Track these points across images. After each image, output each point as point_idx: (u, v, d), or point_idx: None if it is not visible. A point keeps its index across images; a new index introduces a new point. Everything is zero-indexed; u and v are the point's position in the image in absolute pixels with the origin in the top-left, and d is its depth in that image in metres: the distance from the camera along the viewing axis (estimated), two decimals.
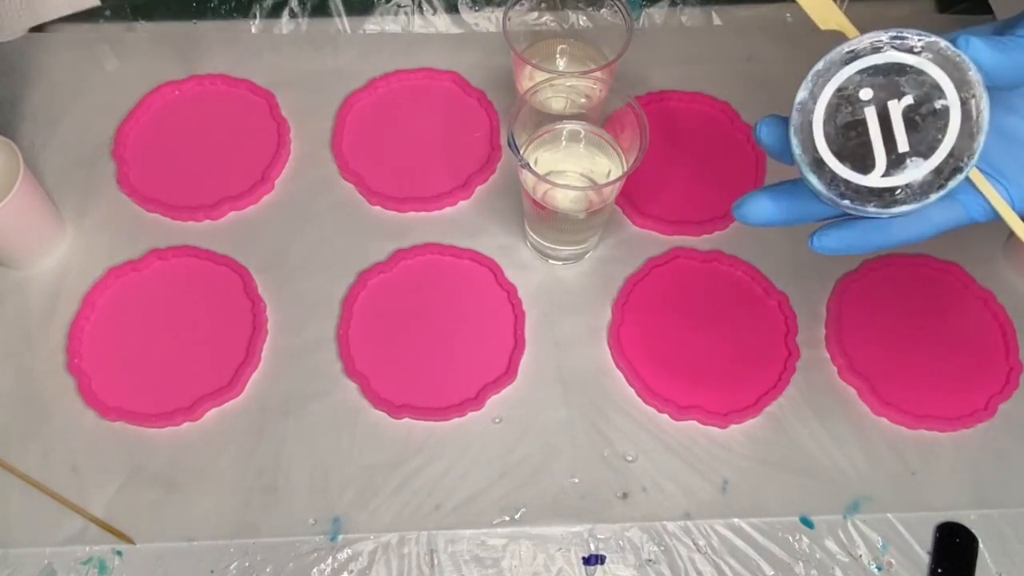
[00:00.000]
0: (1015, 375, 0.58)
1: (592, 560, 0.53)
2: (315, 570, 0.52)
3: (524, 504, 0.54)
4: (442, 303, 0.61)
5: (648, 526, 0.54)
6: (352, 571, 0.52)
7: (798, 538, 0.54)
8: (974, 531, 0.53)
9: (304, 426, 0.57)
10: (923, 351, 0.59)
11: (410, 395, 0.57)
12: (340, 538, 0.53)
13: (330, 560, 0.53)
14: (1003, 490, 0.55)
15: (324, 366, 0.59)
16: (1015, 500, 0.55)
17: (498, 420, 0.57)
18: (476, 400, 0.57)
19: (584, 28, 0.63)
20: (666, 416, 0.57)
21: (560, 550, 0.53)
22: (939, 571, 0.52)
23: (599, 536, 0.54)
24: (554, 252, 0.62)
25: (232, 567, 0.53)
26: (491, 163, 0.67)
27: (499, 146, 0.68)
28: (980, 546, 0.53)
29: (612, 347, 0.59)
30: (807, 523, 0.54)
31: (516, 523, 0.54)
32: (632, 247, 0.64)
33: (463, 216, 0.65)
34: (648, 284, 0.62)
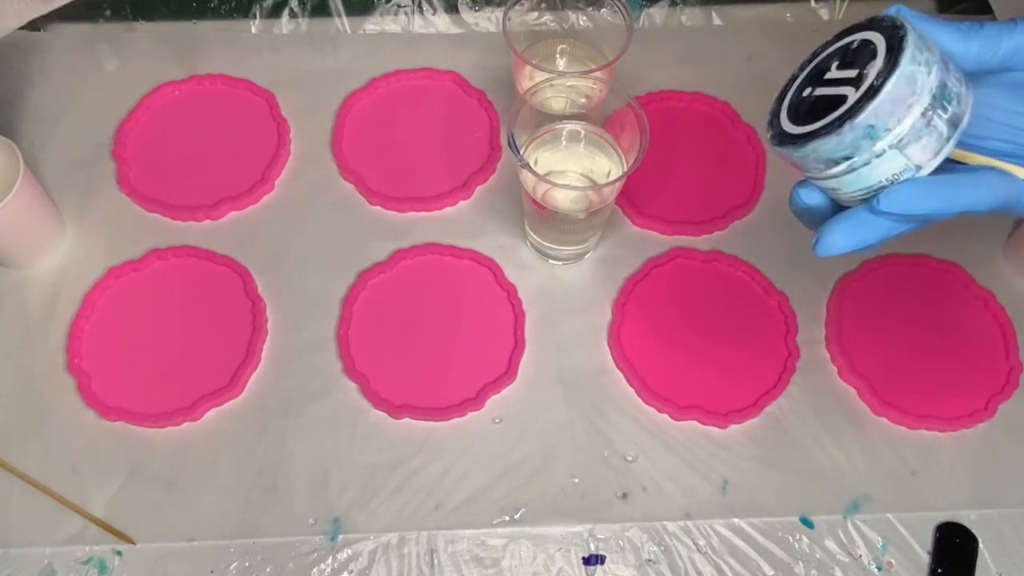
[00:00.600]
0: (1015, 375, 0.58)
1: (592, 560, 0.53)
2: (315, 570, 0.52)
3: (524, 504, 0.54)
4: (442, 303, 0.61)
5: (648, 526, 0.54)
6: (352, 571, 0.52)
7: (798, 538, 0.54)
8: (974, 531, 0.53)
9: (304, 426, 0.57)
10: (923, 351, 0.59)
11: (410, 395, 0.57)
12: (340, 538, 0.53)
13: (330, 560, 0.53)
14: (1003, 490, 0.55)
15: (324, 366, 0.59)
16: (1015, 500, 0.55)
17: (498, 420, 0.57)
18: (476, 400, 0.57)
19: (584, 28, 0.63)
20: (666, 416, 0.57)
21: (560, 550, 0.53)
22: (939, 571, 0.52)
23: (599, 536, 0.54)
24: (554, 252, 0.62)
25: (232, 567, 0.53)
26: (491, 163, 0.67)
27: (499, 146, 0.68)
28: (980, 546, 0.53)
29: (612, 347, 0.59)
30: (807, 523, 0.54)
31: (516, 523, 0.54)
32: (632, 247, 0.64)
33: (463, 216, 0.65)
34: (648, 284, 0.62)
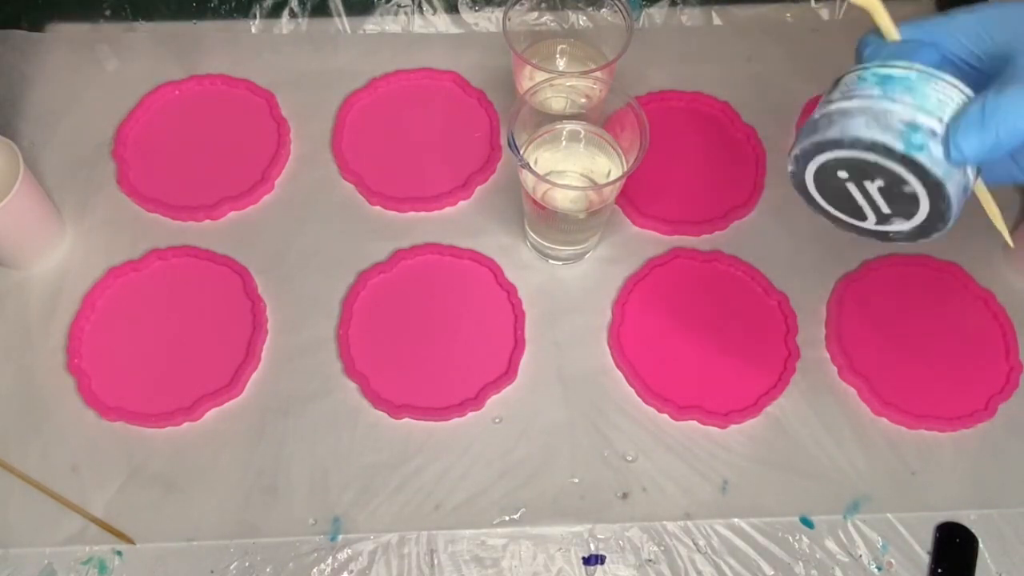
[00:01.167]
0: (1015, 375, 0.58)
1: (592, 560, 0.53)
2: (315, 570, 0.52)
3: (524, 504, 0.54)
4: (442, 303, 0.61)
5: (648, 526, 0.54)
6: (352, 571, 0.52)
7: (798, 538, 0.54)
8: (974, 531, 0.53)
9: (304, 426, 0.57)
10: (923, 351, 0.59)
11: (410, 395, 0.57)
12: (340, 538, 0.53)
13: (330, 560, 0.53)
14: (1003, 490, 0.55)
15: (324, 366, 0.59)
16: (1015, 500, 0.55)
17: (498, 420, 0.57)
18: (476, 400, 0.57)
19: (584, 28, 0.63)
20: (666, 416, 0.57)
21: (560, 550, 0.53)
22: (939, 571, 0.52)
23: (599, 536, 0.54)
24: (554, 252, 0.62)
25: (232, 567, 0.53)
26: (491, 163, 0.67)
27: (499, 146, 0.67)
28: (980, 546, 0.53)
29: (612, 347, 0.59)
30: (807, 523, 0.54)
31: (516, 523, 0.54)
32: (632, 247, 0.64)
33: (463, 216, 0.65)
34: (648, 284, 0.62)
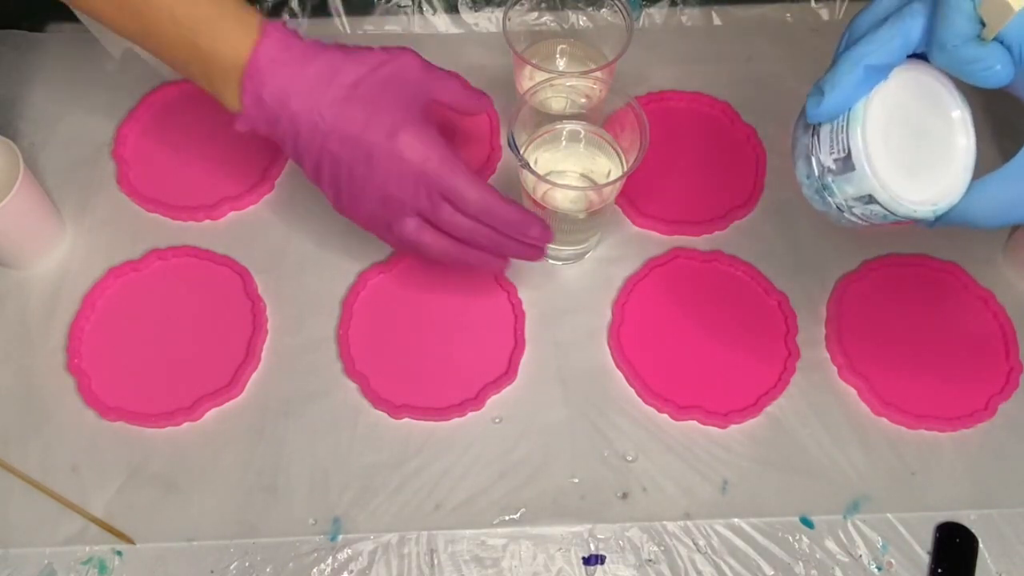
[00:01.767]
0: (1015, 375, 0.58)
1: (592, 560, 0.53)
2: (315, 570, 0.52)
3: (524, 504, 0.54)
4: (442, 303, 0.61)
5: (648, 526, 0.54)
6: (352, 571, 0.52)
7: (798, 538, 0.53)
8: (974, 531, 0.53)
9: (304, 426, 0.57)
10: (923, 351, 0.59)
11: (410, 395, 0.57)
12: (340, 538, 0.53)
13: (330, 560, 0.53)
14: (1003, 490, 0.55)
15: (324, 366, 0.59)
16: (1015, 500, 0.55)
17: (498, 420, 0.57)
18: (476, 400, 0.57)
19: (584, 28, 0.63)
20: (666, 416, 0.57)
21: (560, 550, 0.53)
22: (939, 571, 0.52)
23: (599, 536, 0.54)
24: (554, 252, 0.62)
25: (232, 567, 0.53)
26: (491, 163, 0.67)
27: (499, 146, 0.67)
28: (980, 546, 0.53)
29: (612, 347, 0.59)
30: (807, 523, 0.54)
31: (516, 523, 0.54)
32: (632, 247, 0.64)
33: None
34: (648, 284, 0.62)
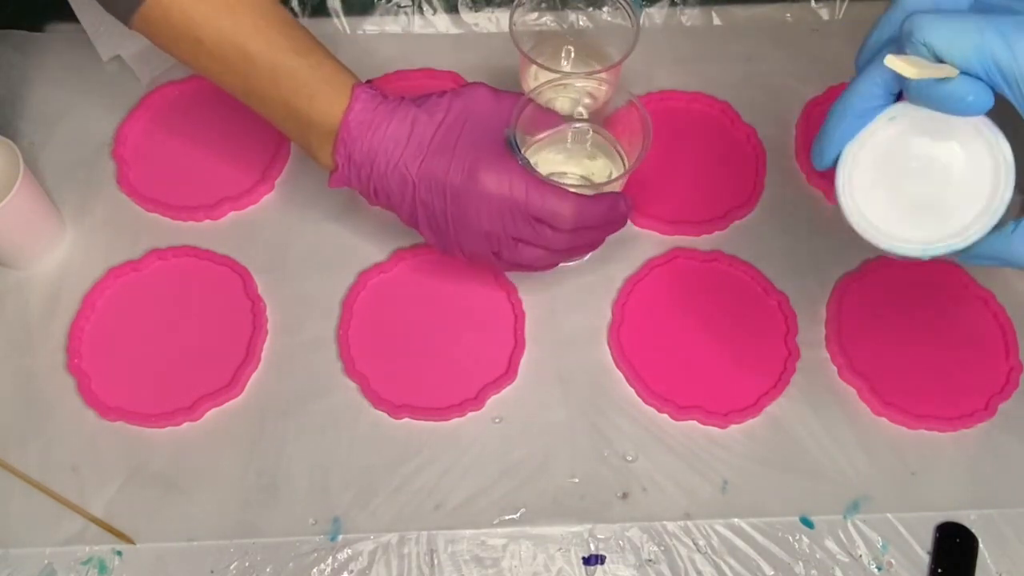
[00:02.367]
0: (1015, 375, 0.58)
1: (592, 560, 0.53)
2: (315, 570, 0.52)
3: (524, 504, 0.54)
4: (442, 303, 0.61)
5: (648, 526, 0.54)
6: (352, 571, 0.52)
7: (798, 538, 0.53)
8: (974, 531, 0.53)
9: (304, 426, 0.57)
10: (923, 351, 0.59)
11: (410, 395, 0.57)
12: (340, 538, 0.53)
13: (330, 560, 0.53)
14: (1003, 490, 0.55)
15: (324, 366, 0.59)
16: (1015, 500, 0.55)
17: (498, 420, 0.57)
18: (476, 400, 0.57)
19: (589, 28, 0.63)
20: (666, 416, 0.57)
21: (560, 550, 0.53)
22: (939, 571, 0.52)
23: (599, 536, 0.54)
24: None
25: (232, 567, 0.53)
26: None
27: None
28: (980, 546, 0.53)
29: (612, 347, 0.59)
30: (807, 523, 0.54)
31: (516, 523, 0.54)
32: (632, 247, 0.63)
33: None
34: (648, 284, 0.62)
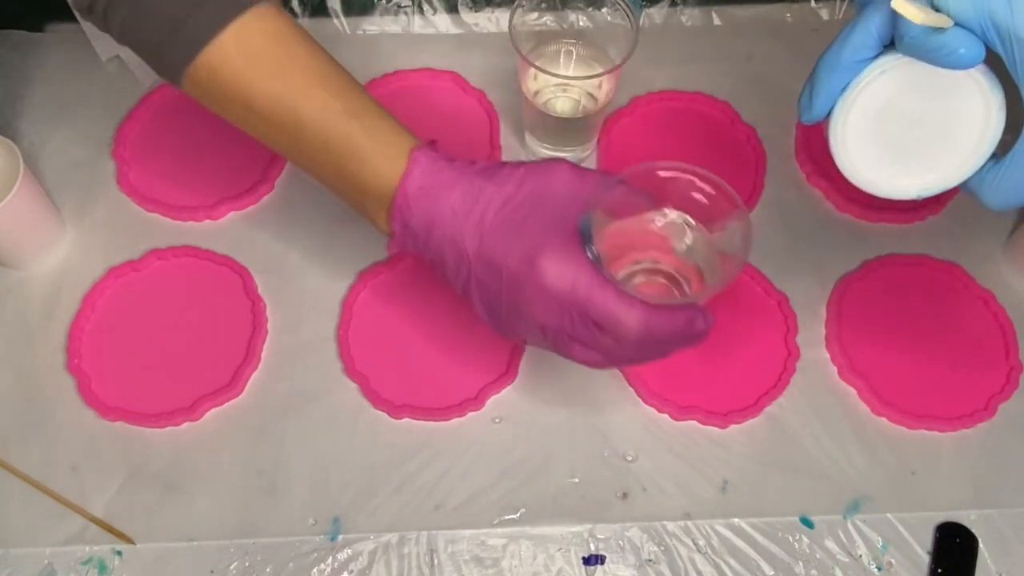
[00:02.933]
0: (1015, 375, 0.58)
1: (592, 560, 0.53)
2: (315, 570, 0.52)
3: (524, 504, 0.54)
4: (442, 303, 0.61)
5: (648, 526, 0.54)
6: (352, 571, 0.52)
7: (798, 538, 0.53)
8: (974, 531, 0.53)
9: (304, 426, 0.57)
10: (923, 351, 0.59)
11: (410, 395, 0.57)
12: (340, 538, 0.53)
13: (330, 560, 0.53)
14: (1003, 490, 0.55)
15: (324, 366, 0.59)
16: (1015, 500, 0.55)
17: (498, 420, 0.57)
18: (476, 400, 0.57)
19: (589, 29, 0.63)
20: (666, 416, 0.57)
21: (560, 550, 0.53)
22: (939, 571, 0.52)
23: (599, 536, 0.54)
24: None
25: (232, 567, 0.53)
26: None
27: (499, 146, 0.67)
28: (980, 546, 0.53)
29: None
30: (807, 523, 0.54)
31: (516, 523, 0.54)
32: None
33: None
34: None
